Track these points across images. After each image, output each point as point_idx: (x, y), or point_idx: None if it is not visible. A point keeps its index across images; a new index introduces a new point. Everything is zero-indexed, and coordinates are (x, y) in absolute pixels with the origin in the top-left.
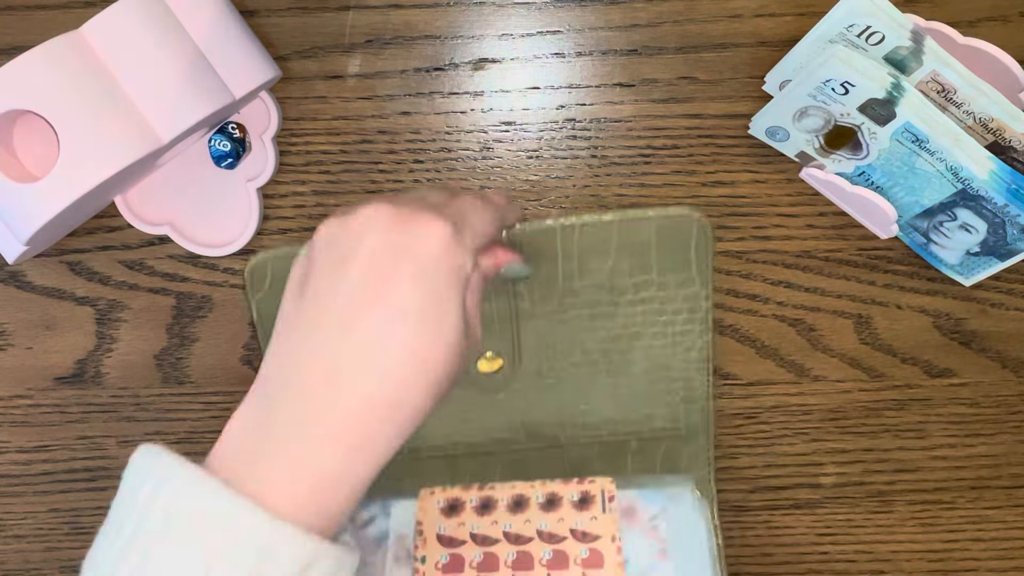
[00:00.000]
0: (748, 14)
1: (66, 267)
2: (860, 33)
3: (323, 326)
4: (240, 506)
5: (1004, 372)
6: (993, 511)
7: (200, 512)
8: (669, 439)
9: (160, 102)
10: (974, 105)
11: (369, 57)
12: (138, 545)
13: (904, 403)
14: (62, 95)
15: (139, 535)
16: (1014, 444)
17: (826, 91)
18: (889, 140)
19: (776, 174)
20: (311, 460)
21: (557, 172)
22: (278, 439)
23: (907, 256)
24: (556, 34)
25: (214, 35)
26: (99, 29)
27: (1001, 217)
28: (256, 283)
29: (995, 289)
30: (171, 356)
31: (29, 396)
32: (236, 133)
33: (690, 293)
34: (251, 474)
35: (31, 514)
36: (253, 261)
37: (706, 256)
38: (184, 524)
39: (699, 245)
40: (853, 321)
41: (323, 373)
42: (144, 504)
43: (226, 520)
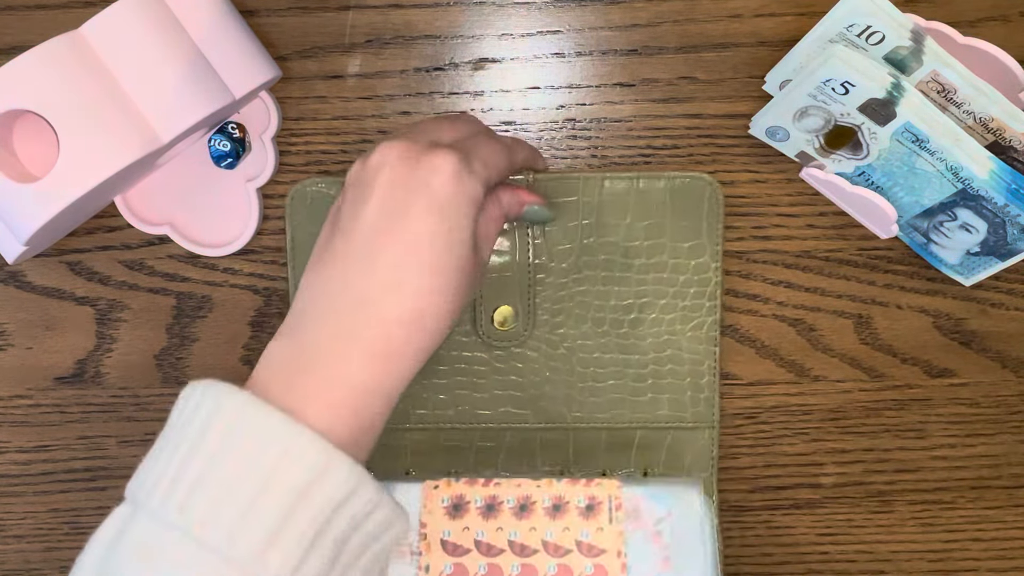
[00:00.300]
0: (748, 14)
1: (66, 267)
2: (860, 33)
3: (349, 259)
4: (297, 431)
5: (1004, 372)
6: (993, 511)
7: (256, 434)
8: (674, 431)
9: (160, 102)
10: (974, 105)
11: (369, 57)
12: (195, 465)
13: (904, 403)
14: (62, 95)
15: (196, 455)
16: (1014, 444)
17: (826, 91)
18: (889, 140)
19: (776, 174)
20: (346, 375)
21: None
22: (313, 360)
23: (907, 256)
24: (556, 34)
25: (214, 35)
26: (99, 29)
27: (1001, 217)
28: (295, 209)
29: (995, 289)
30: (171, 356)
31: (29, 396)
32: (236, 133)
33: (700, 264)
34: (289, 391)
35: (31, 514)
36: (296, 187)
37: (716, 223)
38: (241, 445)
39: (710, 210)
40: (853, 321)
41: (352, 301)
42: (200, 427)
43: (283, 442)
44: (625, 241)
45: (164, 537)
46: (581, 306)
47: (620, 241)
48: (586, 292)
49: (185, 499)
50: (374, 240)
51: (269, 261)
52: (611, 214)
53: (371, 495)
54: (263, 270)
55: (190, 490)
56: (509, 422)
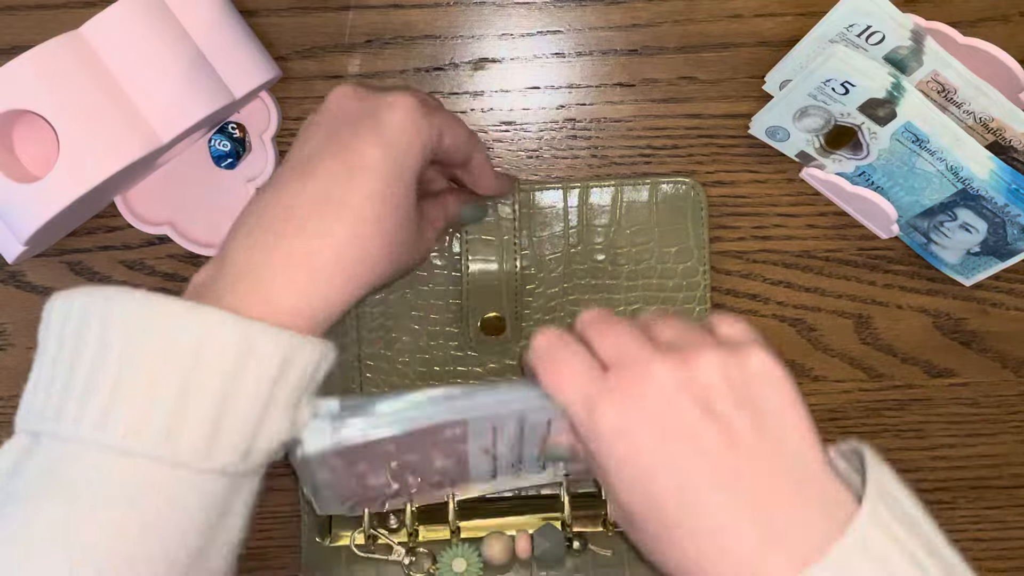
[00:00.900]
0: (748, 14)
1: (66, 267)
2: (860, 33)
3: (287, 178)
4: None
5: (1004, 372)
6: (993, 511)
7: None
8: None
9: (160, 102)
10: (974, 105)
11: (369, 57)
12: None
13: (904, 403)
14: (62, 95)
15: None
16: (1014, 444)
17: (826, 91)
18: (889, 140)
19: (776, 174)
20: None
21: (557, 172)
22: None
23: (907, 256)
24: (556, 34)
25: (214, 35)
26: (99, 29)
27: (1001, 217)
28: None
29: (995, 289)
30: None
31: None
32: (236, 133)
33: (688, 268)
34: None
35: None
36: None
37: (701, 226)
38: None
39: (694, 214)
40: (853, 321)
41: (278, 214)
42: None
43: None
44: (612, 248)
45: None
46: (571, 314)
47: (607, 248)
48: (575, 300)
49: (101, 416)
50: (313, 162)
51: None
52: (597, 221)
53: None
54: None
55: (106, 405)
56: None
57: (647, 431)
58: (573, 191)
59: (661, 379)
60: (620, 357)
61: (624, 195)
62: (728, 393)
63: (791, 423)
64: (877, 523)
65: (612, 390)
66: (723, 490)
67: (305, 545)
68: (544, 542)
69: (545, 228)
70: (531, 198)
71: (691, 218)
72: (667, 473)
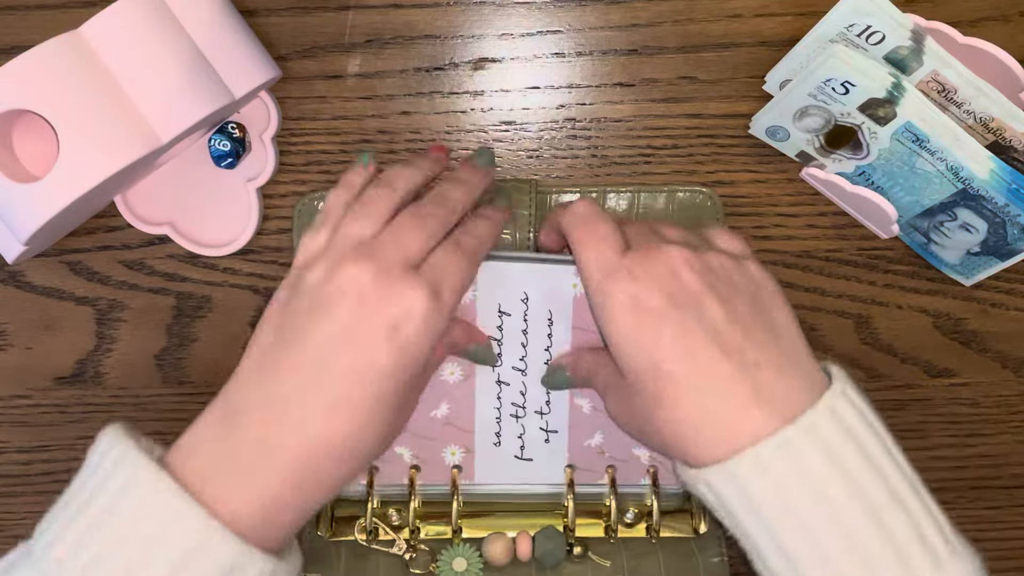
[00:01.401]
0: (748, 14)
1: (66, 267)
2: (860, 33)
3: (295, 369)
4: (188, 505)
5: (1004, 372)
6: (993, 511)
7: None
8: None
9: (160, 102)
10: (974, 105)
11: (369, 57)
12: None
13: (904, 403)
14: (62, 95)
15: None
16: (1014, 444)
17: (826, 91)
18: (889, 140)
19: (776, 174)
20: (262, 487)
21: (557, 172)
22: (235, 462)
23: (907, 256)
24: (556, 34)
25: (214, 35)
26: (99, 29)
27: (1002, 217)
28: (301, 223)
29: (995, 289)
30: (171, 356)
31: (29, 396)
32: (236, 133)
33: None
34: (205, 484)
35: (31, 514)
36: (301, 201)
37: None
38: (131, 509)
39: (711, 223)
40: (853, 321)
41: (287, 416)
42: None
43: (173, 511)
44: None
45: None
46: None
47: None
48: None
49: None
50: (327, 361)
51: (269, 261)
52: None
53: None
54: (263, 270)
55: (75, 544)
56: None
57: (657, 296)
58: (590, 195)
59: (673, 257)
60: (637, 238)
61: (641, 201)
62: (729, 280)
63: (783, 316)
64: (846, 398)
65: (631, 262)
66: (720, 352)
67: (306, 538)
68: (545, 544)
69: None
70: (548, 200)
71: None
72: (672, 333)
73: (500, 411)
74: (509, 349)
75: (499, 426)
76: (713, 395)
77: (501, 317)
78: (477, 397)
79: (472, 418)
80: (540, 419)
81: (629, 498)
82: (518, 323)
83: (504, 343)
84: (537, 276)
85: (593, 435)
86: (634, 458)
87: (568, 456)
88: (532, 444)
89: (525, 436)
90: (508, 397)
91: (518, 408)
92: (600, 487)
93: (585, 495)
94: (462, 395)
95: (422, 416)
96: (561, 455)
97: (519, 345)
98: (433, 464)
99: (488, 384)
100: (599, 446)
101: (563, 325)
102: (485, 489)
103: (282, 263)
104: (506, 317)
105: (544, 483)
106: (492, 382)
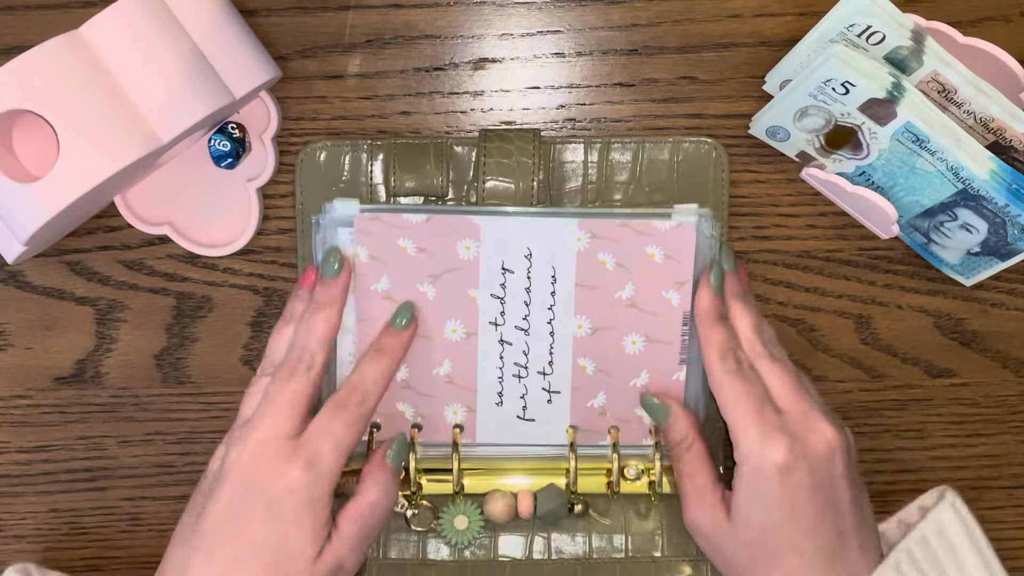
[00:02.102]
0: (748, 14)
1: (66, 267)
2: (861, 33)
3: (198, 549)
4: None
5: (1004, 372)
6: (993, 511)
7: None
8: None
9: (160, 102)
10: (975, 105)
11: (369, 57)
12: None
13: (904, 403)
14: (62, 95)
15: None
16: (1014, 444)
17: (826, 91)
18: (890, 140)
19: (776, 174)
20: None
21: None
22: None
23: (908, 256)
24: (556, 34)
25: (214, 35)
26: (99, 29)
27: (1002, 217)
28: (305, 172)
29: (996, 289)
30: (171, 356)
31: (29, 396)
32: (236, 133)
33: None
34: None
35: (31, 514)
36: (305, 150)
37: (721, 187)
38: None
39: (715, 175)
40: (854, 321)
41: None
42: None
43: None
44: (630, 205)
45: None
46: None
47: (625, 205)
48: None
49: None
50: (217, 539)
51: (269, 261)
52: (617, 178)
53: None
54: (263, 270)
55: None
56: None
57: (806, 476)
58: (595, 147)
59: (827, 438)
60: (792, 404)
61: (645, 152)
62: (856, 466)
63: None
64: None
65: (787, 432)
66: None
67: None
68: (547, 503)
69: (565, 183)
70: (552, 152)
71: (712, 178)
72: (812, 515)
73: (502, 371)
74: (512, 308)
75: (501, 386)
76: (820, 570)
77: (504, 275)
78: (480, 356)
79: (474, 377)
80: (543, 379)
81: (632, 459)
82: (521, 280)
83: (507, 302)
84: (540, 229)
85: (596, 396)
86: (637, 419)
87: (570, 417)
88: (534, 404)
89: (527, 396)
90: (511, 357)
91: (520, 368)
92: (603, 448)
93: (587, 456)
94: (464, 353)
95: (424, 372)
96: (563, 416)
97: (522, 304)
98: (435, 422)
99: (491, 343)
100: (602, 407)
101: (567, 282)
102: (487, 451)
103: (282, 263)
104: (509, 275)
105: (546, 443)
106: (495, 341)
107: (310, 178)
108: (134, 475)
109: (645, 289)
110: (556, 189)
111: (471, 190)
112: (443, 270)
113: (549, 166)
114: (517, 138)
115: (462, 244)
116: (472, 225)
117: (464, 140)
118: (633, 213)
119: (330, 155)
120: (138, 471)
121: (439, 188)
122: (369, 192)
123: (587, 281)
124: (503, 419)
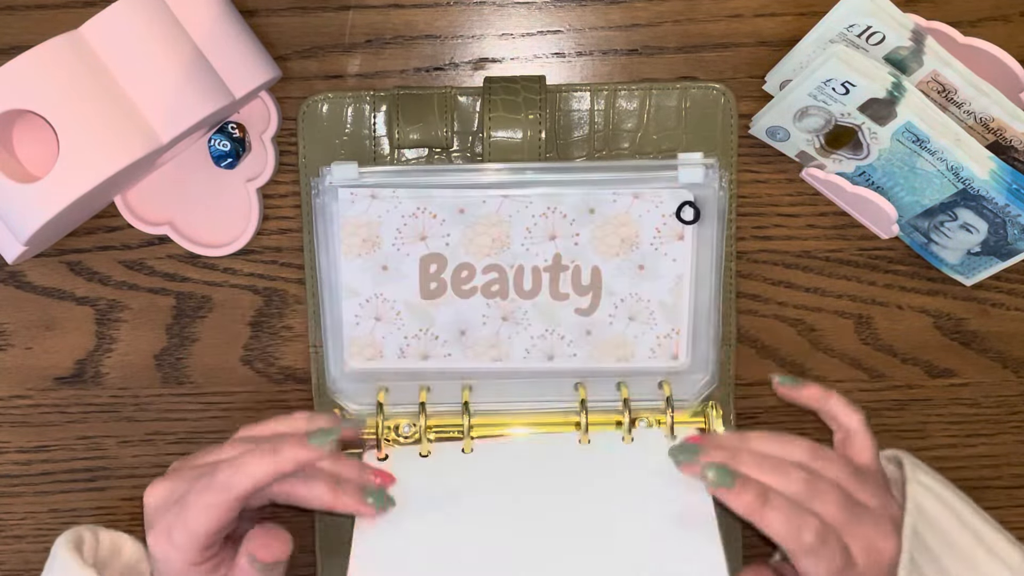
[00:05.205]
0: (748, 14)
1: (66, 267)
2: (861, 33)
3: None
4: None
5: (1004, 372)
6: (993, 511)
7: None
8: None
9: (160, 102)
10: (975, 105)
11: (369, 57)
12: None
13: (905, 403)
14: (62, 95)
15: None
16: (1014, 444)
17: (826, 91)
18: (890, 140)
19: (776, 174)
20: None
21: None
22: None
23: (908, 256)
24: (556, 34)
25: (214, 35)
26: (99, 29)
27: (1002, 217)
28: (308, 124)
29: (996, 289)
30: (171, 356)
31: (29, 396)
32: (236, 133)
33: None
34: None
35: (31, 514)
36: (307, 102)
37: (730, 134)
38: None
39: (724, 121)
40: (854, 321)
41: None
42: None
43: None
44: (638, 152)
45: None
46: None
47: (633, 153)
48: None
49: None
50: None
51: (269, 261)
52: (624, 126)
53: None
54: (263, 270)
55: None
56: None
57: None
58: (601, 94)
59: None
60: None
61: (652, 100)
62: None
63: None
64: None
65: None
66: None
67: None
68: None
69: (572, 132)
70: (557, 100)
71: (720, 125)
72: None
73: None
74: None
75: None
76: None
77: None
78: (478, 310)
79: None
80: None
81: (643, 412)
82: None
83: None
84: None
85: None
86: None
87: (580, 375)
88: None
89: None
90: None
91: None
92: (613, 403)
93: (598, 411)
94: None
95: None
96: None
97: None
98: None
99: (492, 304)
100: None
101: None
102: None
103: (282, 263)
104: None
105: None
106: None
107: (312, 131)
108: (134, 475)
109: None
110: (563, 139)
111: (476, 141)
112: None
113: (555, 115)
114: (523, 89)
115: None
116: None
117: (468, 90)
118: (639, 165)
119: (332, 107)
120: (138, 471)
121: (443, 139)
122: (372, 145)
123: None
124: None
